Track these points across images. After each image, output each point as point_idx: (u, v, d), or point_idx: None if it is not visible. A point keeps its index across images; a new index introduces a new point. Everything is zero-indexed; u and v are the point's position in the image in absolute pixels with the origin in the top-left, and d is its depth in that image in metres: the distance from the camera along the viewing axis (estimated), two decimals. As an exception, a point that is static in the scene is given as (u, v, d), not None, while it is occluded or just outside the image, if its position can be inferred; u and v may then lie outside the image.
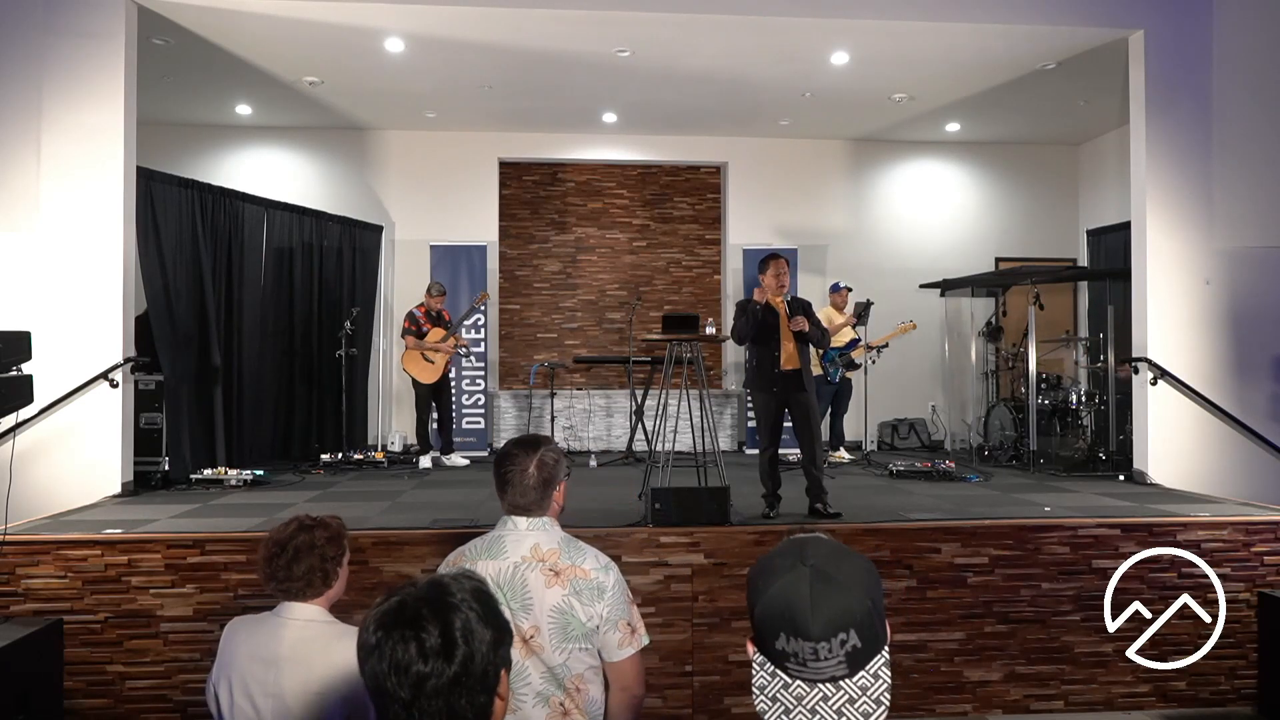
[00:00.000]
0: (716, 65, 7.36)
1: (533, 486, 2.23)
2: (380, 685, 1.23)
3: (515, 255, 9.90)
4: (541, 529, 2.25)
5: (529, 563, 2.18)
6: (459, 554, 2.28)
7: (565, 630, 2.14)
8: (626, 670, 2.23)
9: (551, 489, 2.27)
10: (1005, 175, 10.08)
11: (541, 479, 2.24)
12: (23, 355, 4.64)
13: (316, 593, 2.27)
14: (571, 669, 2.16)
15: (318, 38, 6.73)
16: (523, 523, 2.25)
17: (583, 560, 2.22)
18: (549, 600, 2.15)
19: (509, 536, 2.24)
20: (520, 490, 2.23)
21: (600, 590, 2.18)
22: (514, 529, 2.25)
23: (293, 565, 2.23)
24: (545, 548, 2.21)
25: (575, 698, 2.16)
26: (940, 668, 4.57)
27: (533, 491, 2.23)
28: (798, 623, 1.15)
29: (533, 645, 2.13)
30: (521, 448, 2.27)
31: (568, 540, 2.26)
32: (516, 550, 2.21)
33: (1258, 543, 4.79)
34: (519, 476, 2.23)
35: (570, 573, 2.18)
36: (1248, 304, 6.45)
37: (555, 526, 2.29)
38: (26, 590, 4.26)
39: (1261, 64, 6.52)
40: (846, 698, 1.17)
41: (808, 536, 1.26)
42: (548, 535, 2.24)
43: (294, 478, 6.87)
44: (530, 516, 2.25)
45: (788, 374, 5.13)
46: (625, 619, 2.21)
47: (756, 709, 1.21)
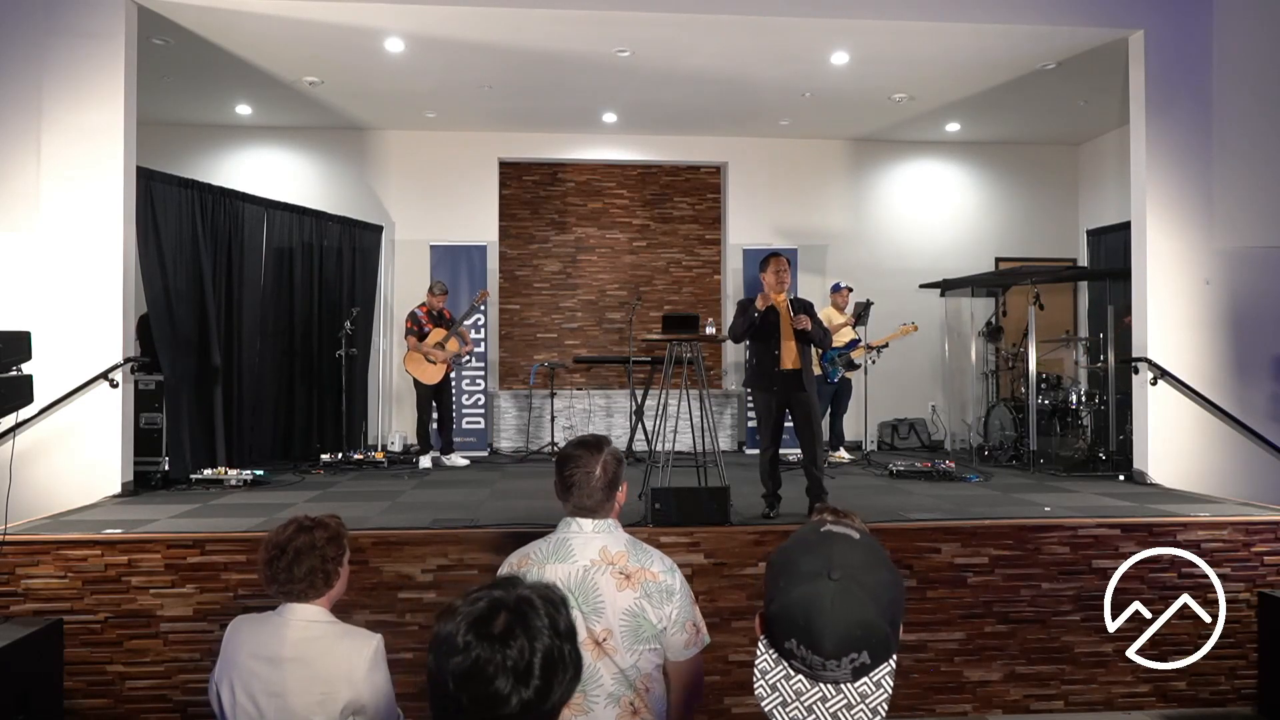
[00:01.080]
0: (716, 65, 7.36)
1: (599, 488, 2.24)
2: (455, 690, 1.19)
3: (515, 255, 9.90)
4: (607, 531, 2.26)
5: (599, 566, 2.19)
6: (523, 556, 2.27)
7: (637, 632, 2.16)
8: (690, 669, 2.27)
9: (615, 489, 2.28)
10: (1005, 175, 10.08)
11: (607, 480, 2.25)
12: (23, 355, 4.63)
13: (319, 593, 2.27)
14: (641, 669, 2.18)
15: (318, 38, 6.73)
16: (588, 525, 2.25)
17: (651, 563, 2.23)
18: (621, 603, 2.16)
19: (575, 539, 2.24)
20: (587, 492, 2.23)
21: (669, 592, 2.20)
22: (579, 531, 2.25)
23: (294, 567, 2.23)
24: (613, 550, 2.22)
25: (644, 697, 2.19)
26: (940, 668, 4.57)
27: (599, 493, 2.24)
28: (812, 636, 1.13)
29: (605, 648, 2.15)
30: (585, 449, 2.28)
31: (633, 542, 2.28)
32: (584, 553, 2.21)
33: (1258, 543, 4.79)
34: (584, 478, 2.23)
35: (640, 575, 2.19)
36: (1248, 304, 6.45)
37: (619, 528, 2.30)
38: (26, 590, 4.26)
39: (1261, 64, 6.52)
40: (845, 702, 1.16)
41: (840, 533, 1.21)
42: (614, 538, 2.25)
43: (294, 478, 6.87)
44: (595, 518, 2.26)
45: (789, 373, 5.13)
46: (691, 619, 2.25)
47: (755, 691, 1.21)
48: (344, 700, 2.17)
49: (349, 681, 2.17)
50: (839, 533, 1.22)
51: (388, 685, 2.28)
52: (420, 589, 4.36)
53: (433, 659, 1.23)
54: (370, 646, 2.24)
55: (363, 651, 2.22)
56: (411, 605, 4.34)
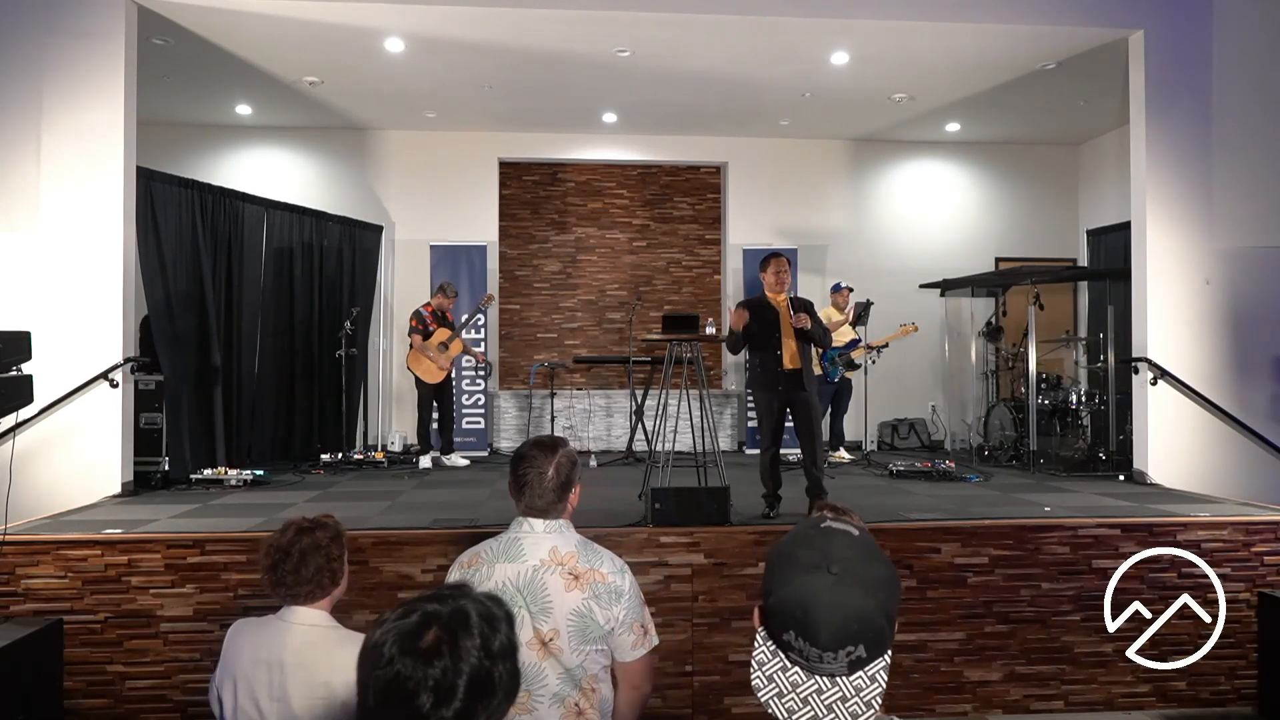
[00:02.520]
0: (716, 65, 7.36)
1: (551, 489, 2.24)
2: (376, 702, 1.18)
3: (515, 255, 9.90)
4: (558, 532, 2.26)
5: (548, 566, 2.19)
6: (474, 554, 2.27)
7: (584, 633, 2.16)
8: (638, 670, 2.26)
9: (568, 491, 2.28)
10: (1005, 175, 10.08)
11: (559, 481, 2.25)
12: (23, 355, 4.63)
13: (325, 593, 2.27)
14: (587, 669, 2.18)
15: (318, 38, 6.73)
16: (539, 525, 2.25)
17: (600, 564, 2.23)
18: (568, 604, 2.16)
19: (526, 539, 2.24)
20: (539, 492, 2.23)
21: (618, 594, 2.20)
22: (530, 531, 2.25)
23: (300, 569, 2.22)
24: (563, 551, 2.22)
25: (590, 697, 2.19)
26: (940, 668, 4.57)
27: (551, 493, 2.24)
28: (809, 628, 1.15)
29: (551, 648, 2.15)
30: (540, 449, 2.28)
31: (584, 543, 2.28)
32: (535, 553, 2.21)
33: (1258, 543, 4.79)
34: (537, 478, 2.23)
35: (589, 576, 2.19)
36: (1248, 304, 6.45)
37: (570, 529, 2.30)
38: (26, 590, 4.26)
39: (1261, 64, 6.52)
40: (840, 695, 1.18)
41: (838, 529, 1.23)
42: (564, 538, 2.25)
43: (294, 478, 6.87)
44: (546, 518, 2.26)
45: (790, 373, 5.13)
46: (639, 620, 2.24)
47: (751, 682, 1.22)
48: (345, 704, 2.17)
49: (348, 686, 2.17)
50: (838, 528, 1.24)
51: None
52: (420, 589, 4.36)
53: (359, 670, 1.21)
54: None
55: None
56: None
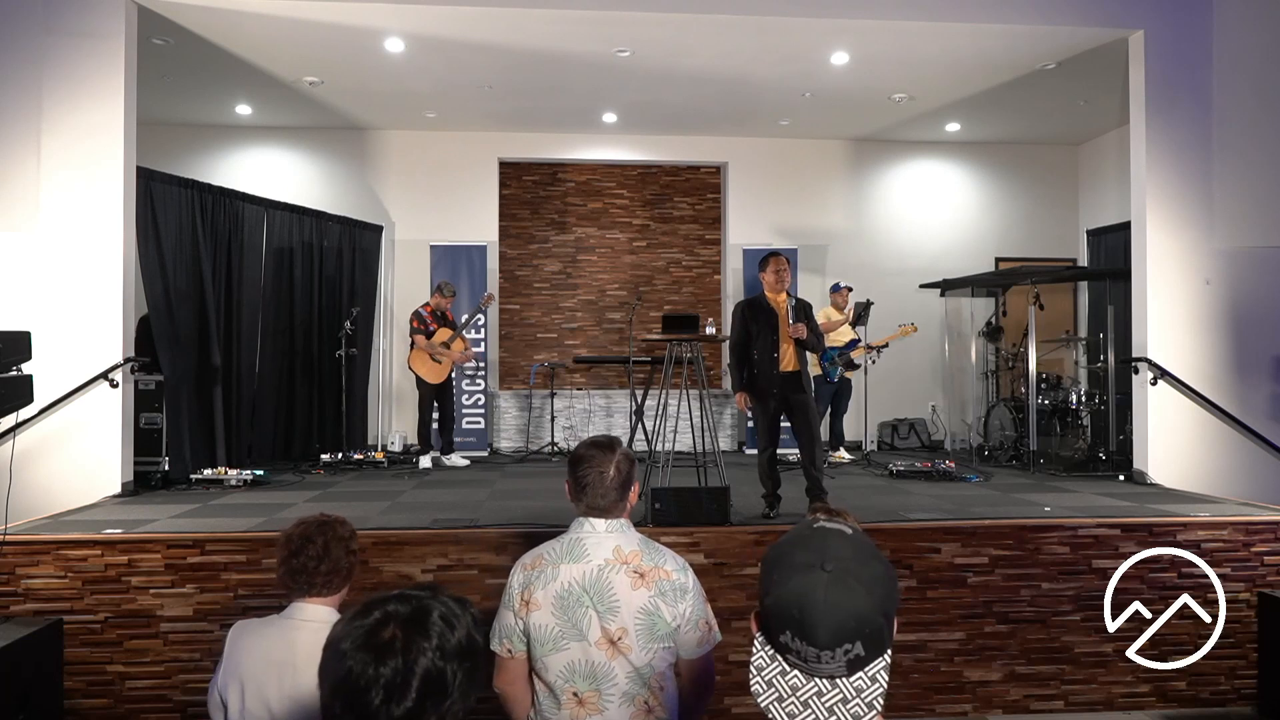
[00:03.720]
0: (716, 65, 7.36)
1: (613, 487, 2.25)
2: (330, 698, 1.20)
3: (515, 255, 9.90)
4: (620, 531, 2.26)
5: (613, 565, 2.20)
6: (537, 556, 2.27)
7: (652, 630, 2.17)
8: (702, 666, 2.28)
9: (628, 490, 2.29)
10: (1005, 175, 10.07)
11: (621, 480, 2.26)
12: (23, 355, 4.64)
13: (339, 586, 2.28)
14: (655, 667, 2.19)
15: (318, 38, 6.73)
16: (600, 524, 2.26)
17: (664, 562, 2.24)
18: (635, 602, 2.17)
19: (588, 539, 2.25)
20: (601, 492, 2.24)
21: (683, 591, 2.21)
22: (592, 531, 2.26)
23: (322, 559, 2.24)
24: (627, 550, 2.23)
25: (658, 695, 2.20)
26: (940, 668, 4.56)
27: (613, 492, 2.25)
28: (805, 627, 1.14)
29: (620, 646, 2.15)
30: (599, 449, 2.29)
31: (646, 542, 2.29)
32: (598, 553, 2.22)
33: (1258, 543, 4.79)
34: (598, 478, 2.24)
35: (654, 574, 2.20)
36: (1248, 304, 6.45)
37: (631, 528, 2.30)
38: (26, 590, 4.26)
39: (1261, 64, 6.51)
40: (840, 697, 1.17)
41: (832, 529, 1.23)
42: (627, 537, 2.26)
43: (294, 478, 6.87)
44: (608, 518, 2.26)
45: (787, 375, 5.14)
46: (704, 618, 2.26)
47: (750, 688, 1.21)
48: None
49: None
50: (832, 528, 1.23)
51: None
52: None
53: (321, 666, 1.23)
54: None
55: None
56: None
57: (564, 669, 2.16)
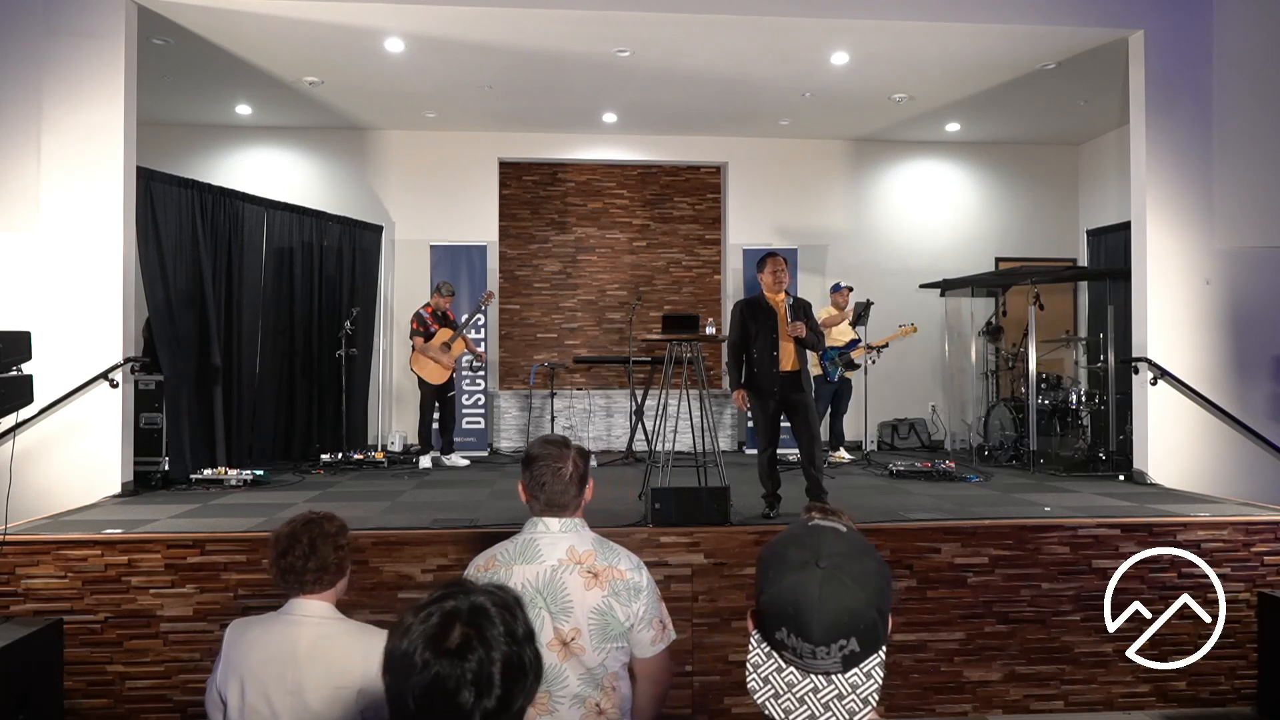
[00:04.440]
0: (716, 65, 7.36)
1: (571, 483, 2.25)
2: (416, 706, 1.19)
3: (515, 255, 9.90)
4: (574, 530, 2.26)
5: (566, 565, 2.19)
6: (489, 557, 2.27)
7: (605, 631, 2.16)
8: (657, 665, 2.27)
9: (585, 486, 2.29)
10: (1005, 175, 10.07)
11: (578, 475, 2.26)
12: (23, 355, 4.64)
13: (332, 582, 2.28)
14: (608, 668, 2.18)
15: (318, 38, 6.73)
16: (554, 524, 2.25)
17: (618, 561, 2.24)
18: (589, 602, 2.16)
19: (542, 539, 2.24)
20: (560, 489, 2.24)
21: (637, 590, 2.21)
22: (546, 531, 2.25)
23: (310, 557, 2.24)
24: (581, 549, 2.22)
25: (610, 696, 2.19)
26: (940, 668, 4.56)
27: (571, 489, 2.25)
28: (801, 623, 1.16)
29: (573, 648, 2.15)
30: (553, 446, 2.29)
31: (600, 541, 2.28)
32: (552, 553, 2.21)
33: (1258, 543, 4.79)
34: (554, 476, 2.23)
35: (608, 574, 2.19)
36: (1248, 304, 6.45)
37: (585, 527, 2.30)
38: (26, 590, 4.26)
39: (1261, 64, 6.51)
40: (836, 693, 1.18)
41: (827, 527, 1.24)
42: (580, 537, 2.25)
43: (294, 478, 6.87)
44: (563, 517, 2.26)
45: (787, 375, 5.13)
46: (658, 616, 2.25)
47: (747, 685, 1.22)
48: (359, 695, 2.18)
49: (365, 676, 2.19)
50: (826, 526, 1.25)
51: None
52: (420, 589, 4.36)
53: (390, 679, 1.22)
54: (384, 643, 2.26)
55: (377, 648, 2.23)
56: (411, 605, 4.34)
57: None
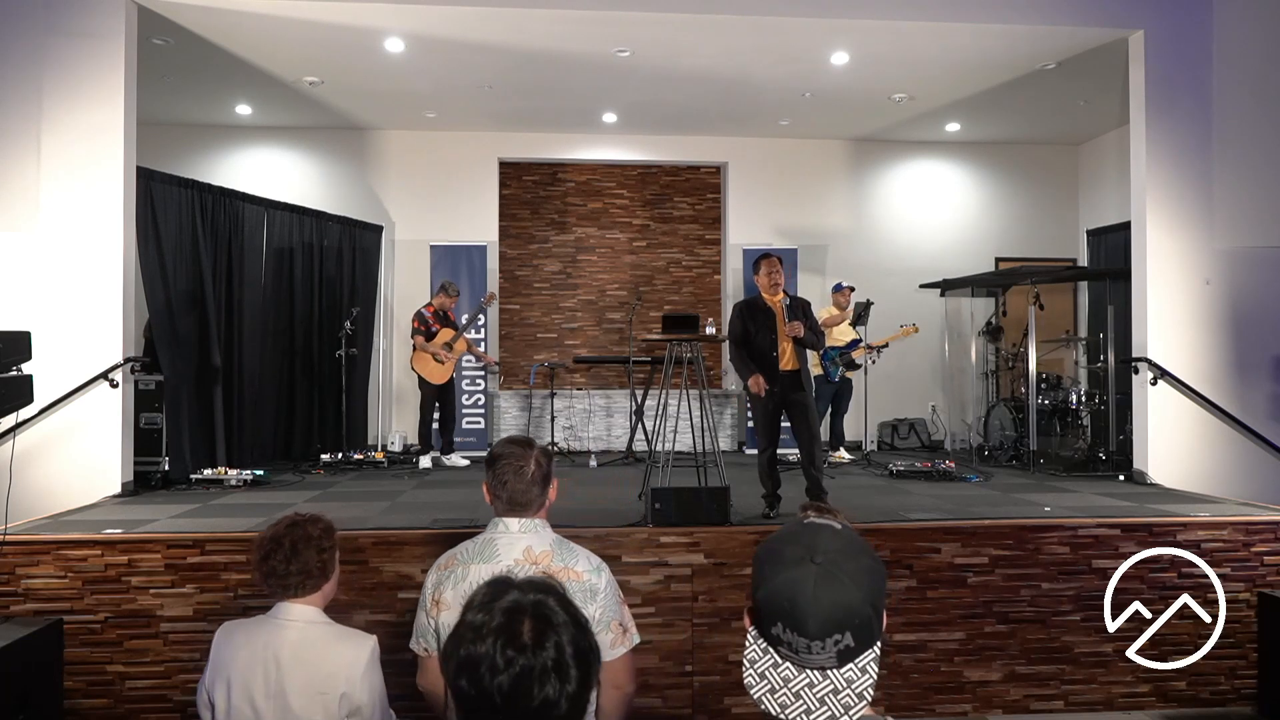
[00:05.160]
0: (716, 65, 7.36)
1: (534, 483, 2.24)
2: (494, 704, 1.18)
3: (515, 255, 9.90)
4: (534, 531, 2.25)
5: (522, 566, 2.18)
6: (450, 556, 2.28)
7: None
8: (618, 669, 2.24)
9: (548, 485, 2.28)
10: (1005, 175, 10.07)
11: (541, 474, 2.25)
12: (23, 355, 4.63)
13: (316, 586, 2.27)
14: None
15: (318, 38, 6.73)
16: (515, 524, 2.25)
17: (575, 563, 2.22)
18: None
19: (500, 539, 2.24)
20: (521, 488, 2.23)
21: (593, 592, 2.19)
22: (505, 531, 2.25)
23: (291, 561, 2.24)
24: (538, 550, 2.21)
25: None
26: (940, 668, 4.56)
27: (534, 488, 2.24)
28: (796, 618, 1.17)
29: None
30: (516, 445, 2.28)
31: (560, 542, 2.27)
32: (509, 553, 2.21)
33: (1258, 543, 4.79)
34: (517, 475, 2.23)
35: (564, 575, 2.18)
36: (1248, 304, 6.45)
37: (547, 528, 2.29)
38: (26, 590, 4.26)
39: (1261, 64, 6.51)
40: (831, 688, 1.19)
41: (822, 524, 1.26)
42: (540, 537, 2.25)
43: (294, 478, 6.87)
44: (524, 517, 2.25)
45: (787, 374, 5.14)
46: (617, 619, 2.23)
47: (744, 680, 1.24)
48: (342, 700, 2.18)
49: (348, 681, 2.19)
50: (821, 523, 1.27)
51: (382, 686, 2.31)
52: (420, 589, 4.36)
53: (468, 683, 1.20)
54: (367, 648, 2.27)
55: (360, 653, 2.25)
56: (411, 605, 4.32)
57: None
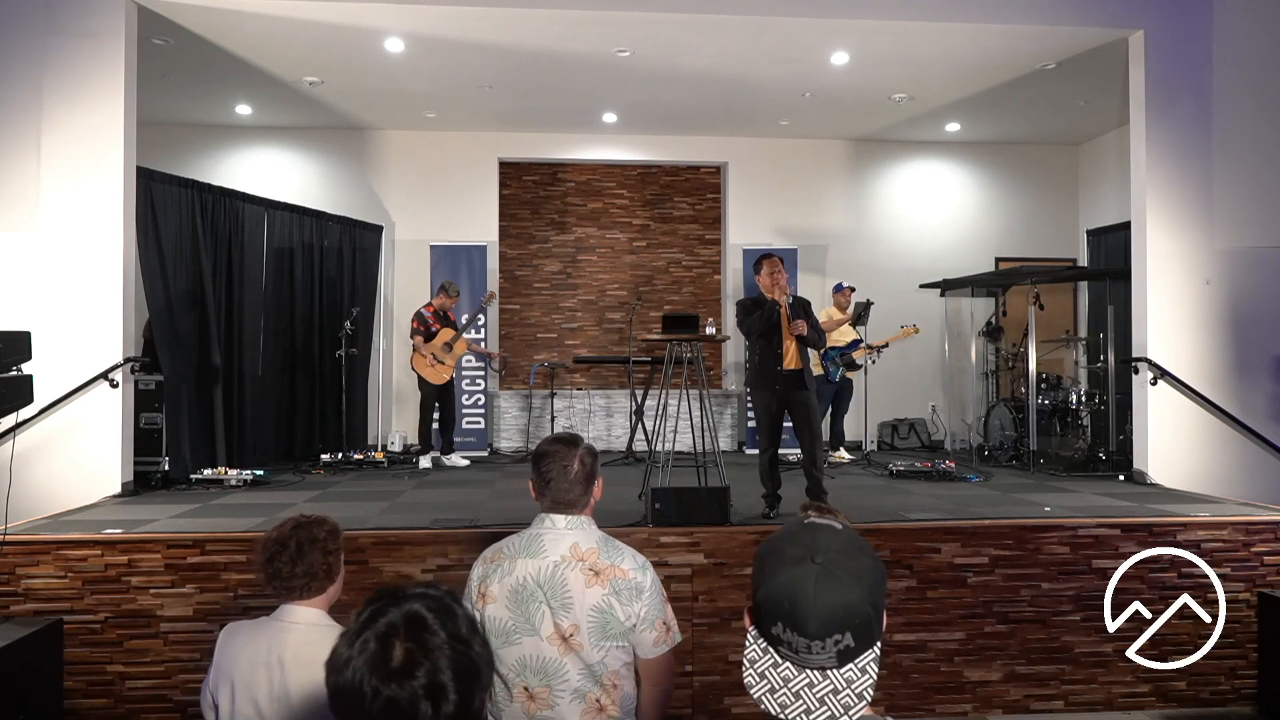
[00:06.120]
0: (716, 65, 7.36)
1: (577, 482, 2.26)
2: None
3: (515, 255, 9.90)
4: (580, 528, 2.27)
5: (568, 562, 2.20)
6: (496, 550, 2.30)
7: (604, 629, 2.17)
8: (660, 667, 2.28)
9: (592, 484, 2.30)
10: (1005, 175, 10.07)
11: (585, 474, 2.27)
12: (23, 355, 4.63)
13: (320, 589, 2.26)
14: (608, 665, 2.19)
15: (318, 38, 6.73)
16: (561, 521, 2.27)
17: (621, 560, 2.24)
18: (589, 600, 2.17)
19: (547, 535, 2.26)
20: (565, 487, 2.25)
21: (639, 590, 2.21)
22: (552, 527, 2.27)
23: (296, 562, 2.22)
24: (584, 547, 2.23)
25: (611, 694, 2.20)
26: (940, 668, 4.56)
27: (577, 487, 2.26)
28: (796, 618, 1.17)
29: (572, 643, 2.16)
30: (562, 444, 2.30)
31: (605, 539, 2.29)
32: (555, 549, 2.23)
33: (1258, 543, 4.79)
34: (561, 473, 2.25)
35: (610, 572, 2.20)
36: (1248, 304, 6.45)
37: (592, 525, 2.31)
38: (26, 590, 4.26)
39: (1261, 64, 6.52)
40: (831, 688, 1.19)
41: (822, 524, 1.26)
42: (586, 534, 2.26)
43: (294, 478, 6.87)
44: (569, 514, 2.28)
45: (789, 373, 5.13)
46: (661, 618, 2.25)
47: (744, 680, 1.24)
48: None
49: None
50: (821, 523, 1.27)
51: None
52: (420, 589, 4.35)
53: (341, 713, 1.19)
54: None
55: None
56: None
57: (516, 663, 2.18)
